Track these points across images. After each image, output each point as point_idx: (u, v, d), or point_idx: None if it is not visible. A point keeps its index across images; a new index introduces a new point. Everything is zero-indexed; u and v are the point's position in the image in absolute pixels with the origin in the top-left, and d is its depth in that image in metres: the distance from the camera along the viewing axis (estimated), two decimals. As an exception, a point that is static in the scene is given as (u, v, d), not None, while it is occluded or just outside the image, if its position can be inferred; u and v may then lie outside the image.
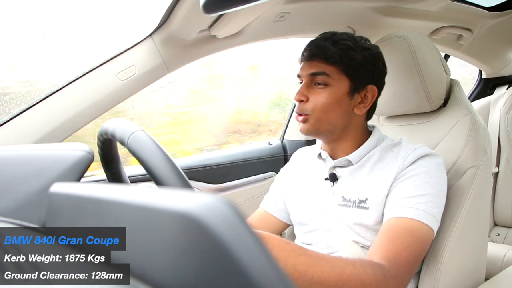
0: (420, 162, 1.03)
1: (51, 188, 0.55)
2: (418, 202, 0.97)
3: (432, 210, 0.98)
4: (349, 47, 1.09)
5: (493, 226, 2.22)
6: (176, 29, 1.38)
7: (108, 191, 0.43)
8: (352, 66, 1.08)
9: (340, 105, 1.09)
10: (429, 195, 0.99)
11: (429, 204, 0.98)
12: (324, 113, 1.09)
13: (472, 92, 2.72)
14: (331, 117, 1.09)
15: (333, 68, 1.08)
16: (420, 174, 1.01)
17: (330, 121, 1.10)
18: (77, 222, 0.47)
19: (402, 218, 0.96)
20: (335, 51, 1.07)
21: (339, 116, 1.10)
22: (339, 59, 1.07)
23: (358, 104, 1.12)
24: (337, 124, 1.11)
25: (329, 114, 1.09)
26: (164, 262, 0.33)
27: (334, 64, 1.08)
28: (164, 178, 0.75)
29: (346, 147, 1.14)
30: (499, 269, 1.70)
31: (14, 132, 1.22)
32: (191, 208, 0.31)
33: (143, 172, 1.25)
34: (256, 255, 0.30)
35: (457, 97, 1.29)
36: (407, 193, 0.99)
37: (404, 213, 0.97)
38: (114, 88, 1.34)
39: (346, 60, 1.08)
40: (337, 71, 1.08)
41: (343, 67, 1.08)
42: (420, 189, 0.99)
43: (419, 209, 0.96)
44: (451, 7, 1.89)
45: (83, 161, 0.77)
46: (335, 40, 1.09)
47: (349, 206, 1.08)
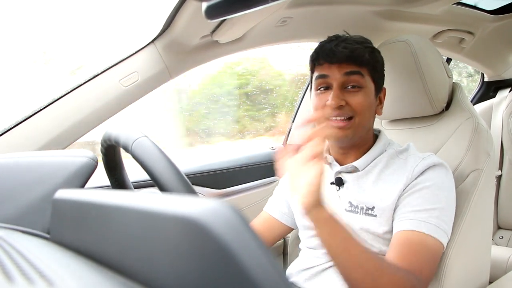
0: (430, 174, 1.02)
1: (55, 195, 0.55)
2: (430, 216, 0.96)
3: (443, 224, 0.97)
4: (373, 49, 1.08)
5: (497, 229, 2.21)
6: (178, 35, 1.38)
7: (111, 197, 0.43)
8: (377, 68, 1.08)
9: (371, 108, 1.09)
10: (440, 209, 0.98)
11: (440, 218, 0.97)
12: (364, 116, 1.06)
13: (475, 95, 2.71)
14: (367, 120, 1.08)
15: (364, 69, 1.05)
16: (431, 186, 1.00)
17: (365, 124, 1.08)
18: (81, 229, 0.47)
19: (415, 232, 0.95)
20: (366, 52, 1.05)
21: (370, 118, 1.10)
22: (370, 61, 1.06)
23: (377, 106, 1.13)
24: (368, 127, 1.10)
25: (367, 118, 1.08)
26: (168, 267, 0.33)
27: (365, 66, 1.05)
28: (168, 184, 0.75)
29: (357, 152, 1.13)
30: (503, 272, 1.69)
31: (17, 139, 1.22)
32: (194, 213, 0.31)
33: (147, 178, 1.25)
34: (259, 260, 0.30)
35: (459, 101, 1.29)
36: (417, 206, 0.98)
37: (416, 226, 0.96)
38: (117, 94, 1.35)
39: (373, 62, 1.07)
40: (367, 73, 1.06)
41: (371, 69, 1.07)
42: (431, 203, 0.98)
43: (431, 223, 0.96)
44: (453, 10, 1.89)
45: (86, 167, 0.77)
46: (359, 42, 1.06)
47: (356, 212, 1.08)
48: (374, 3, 1.67)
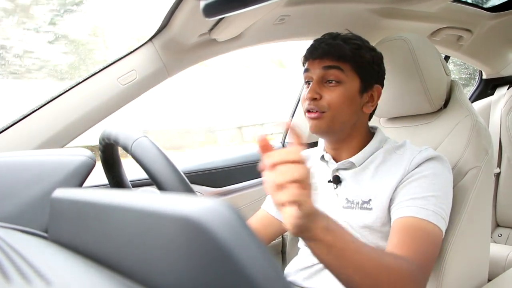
0: (427, 165, 1.03)
1: (53, 194, 0.55)
2: (428, 202, 0.97)
3: (441, 211, 0.98)
4: (359, 46, 1.10)
5: (496, 227, 2.21)
6: (176, 33, 1.38)
7: (110, 196, 0.43)
8: (363, 64, 1.10)
9: (352, 103, 1.10)
10: (437, 196, 0.99)
11: (438, 205, 0.98)
12: (338, 111, 1.08)
13: (473, 93, 2.71)
14: (344, 115, 1.09)
15: (346, 65, 1.08)
16: (428, 175, 1.01)
17: (343, 119, 1.09)
18: (80, 228, 0.47)
19: (414, 218, 0.96)
20: (348, 48, 1.08)
21: (351, 114, 1.10)
22: (352, 57, 1.08)
23: (366, 103, 1.13)
24: (348, 122, 1.11)
25: (343, 112, 1.09)
26: (166, 266, 0.33)
27: (347, 62, 1.08)
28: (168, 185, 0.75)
29: (350, 148, 1.14)
30: (502, 270, 1.70)
31: (15, 138, 1.22)
32: (192, 212, 0.31)
33: (145, 176, 1.25)
34: (257, 259, 0.30)
35: (457, 98, 1.29)
36: (416, 194, 0.99)
37: (416, 213, 0.96)
38: (115, 92, 1.34)
39: (358, 58, 1.09)
40: (350, 69, 1.09)
41: (355, 65, 1.09)
42: (429, 190, 0.99)
43: (429, 209, 0.96)
44: (451, 8, 1.89)
45: (84, 166, 0.77)
46: (344, 39, 1.10)
47: (352, 208, 1.08)
48: (372, 1, 1.66)
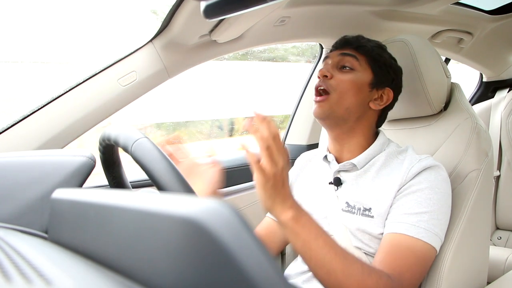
0: (424, 175, 1.02)
1: (53, 194, 0.55)
2: (420, 220, 0.97)
3: (434, 228, 0.97)
4: (380, 46, 1.17)
5: (495, 230, 2.21)
6: (177, 34, 1.38)
7: (110, 196, 0.43)
8: (379, 62, 1.14)
9: (360, 92, 1.11)
10: (432, 212, 0.98)
11: (431, 222, 0.97)
12: (344, 95, 1.10)
13: (473, 96, 2.71)
14: (349, 101, 1.10)
15: (362, 56, 1.13)
16: (424, 189, 1.00)
17: (347, 106, 1.10)
18: (79, 228, 0.47)
19: (404, 235, 0.96)
20: (367, 44, 1.15)
21: (357, 103, 1.11)
22: (369, 51, 1.14)
23: (374, 100, 1.13)
24: (352, 111, 1.11)
25: (349, 98, 1.10)
26: (167, 266, 0.33)
27: (363, 54, 1.14)
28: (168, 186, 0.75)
29: (352, 146, 1.14)
30: (501, 273, 1.70)
31: (15, 138, 1.22)
32: (193, 212, 0.31)
33: (145, 177, 1.25)
34: (258, 260, 0.30)
35: (458, 101, 1.29)
36: (409, 209, 0.99)
37: (405, 230, 0.96)
38: (115, 94, 1.34)
39: (375, 55, 1.14)
40: (365, 61, 1.13)
41: (371, 60, 1.13)
42: (423, 206, 0.98)
43: (420, 227, 0.96)
44: (452, 10, 1.89)
45: (84, 167, 0.77)
46: (368, 39, 1.17)
47: (353, 212, 1.08)
48: (372, 3, 1.67)
